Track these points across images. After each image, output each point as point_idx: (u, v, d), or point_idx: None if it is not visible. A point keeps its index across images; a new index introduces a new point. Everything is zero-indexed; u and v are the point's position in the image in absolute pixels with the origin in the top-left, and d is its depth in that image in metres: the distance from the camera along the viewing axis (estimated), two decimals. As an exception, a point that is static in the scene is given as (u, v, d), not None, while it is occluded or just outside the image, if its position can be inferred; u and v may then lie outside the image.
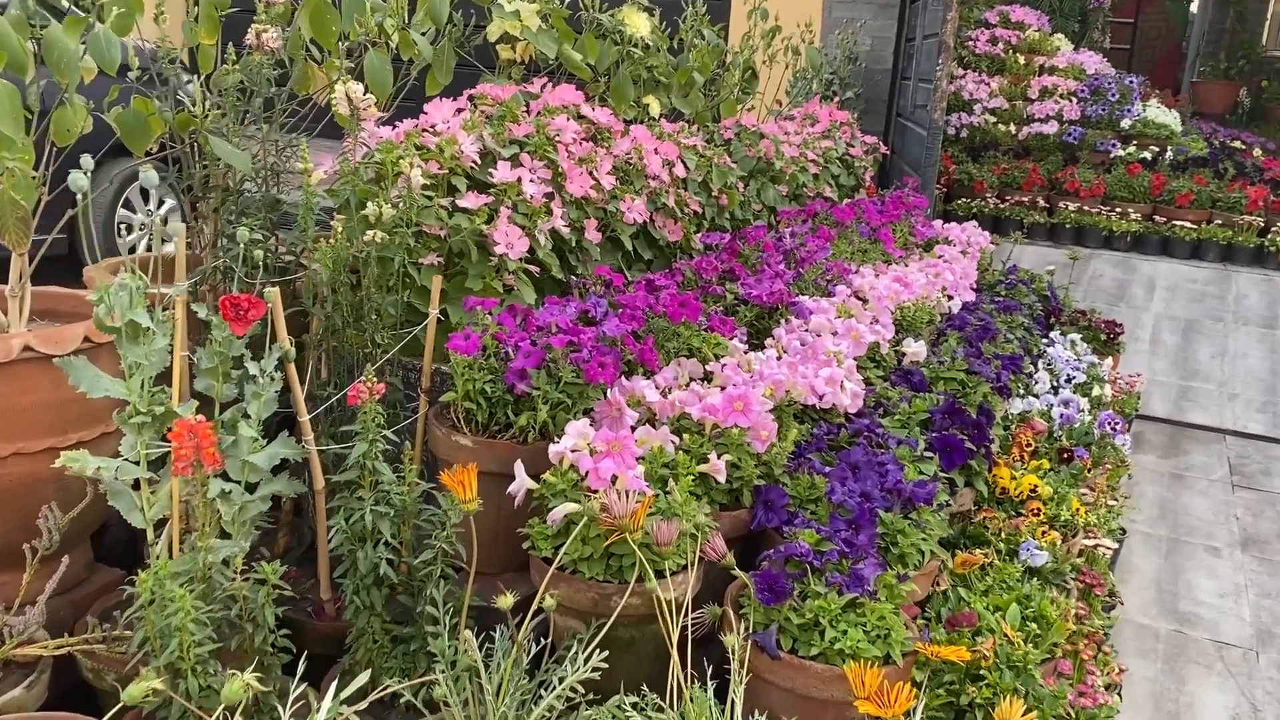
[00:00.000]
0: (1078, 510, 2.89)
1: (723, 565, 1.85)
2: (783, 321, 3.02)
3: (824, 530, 1.99)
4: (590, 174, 2.64)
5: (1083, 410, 3.67)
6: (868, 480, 2.21)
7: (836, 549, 1.93)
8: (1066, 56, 9.01)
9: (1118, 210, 7.56)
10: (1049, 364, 4.15)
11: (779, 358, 2.84)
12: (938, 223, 5.29)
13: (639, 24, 4.11)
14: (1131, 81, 8.56)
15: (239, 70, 2.25)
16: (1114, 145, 7.98)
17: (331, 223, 2.25)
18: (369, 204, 2.21)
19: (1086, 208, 7.57)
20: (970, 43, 9.06)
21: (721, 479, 2.10)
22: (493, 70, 3.58)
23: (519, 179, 2.35)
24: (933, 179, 5.89)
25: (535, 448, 2.10)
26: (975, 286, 4.83)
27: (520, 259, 2.32)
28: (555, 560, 1.84)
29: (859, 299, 3.60)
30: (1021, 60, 8.95)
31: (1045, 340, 4.40)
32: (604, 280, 2.48)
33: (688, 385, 2.41)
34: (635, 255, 3.11)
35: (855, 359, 2.99)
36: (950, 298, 4.28)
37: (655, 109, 4.26)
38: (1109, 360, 4.78)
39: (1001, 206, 7.70)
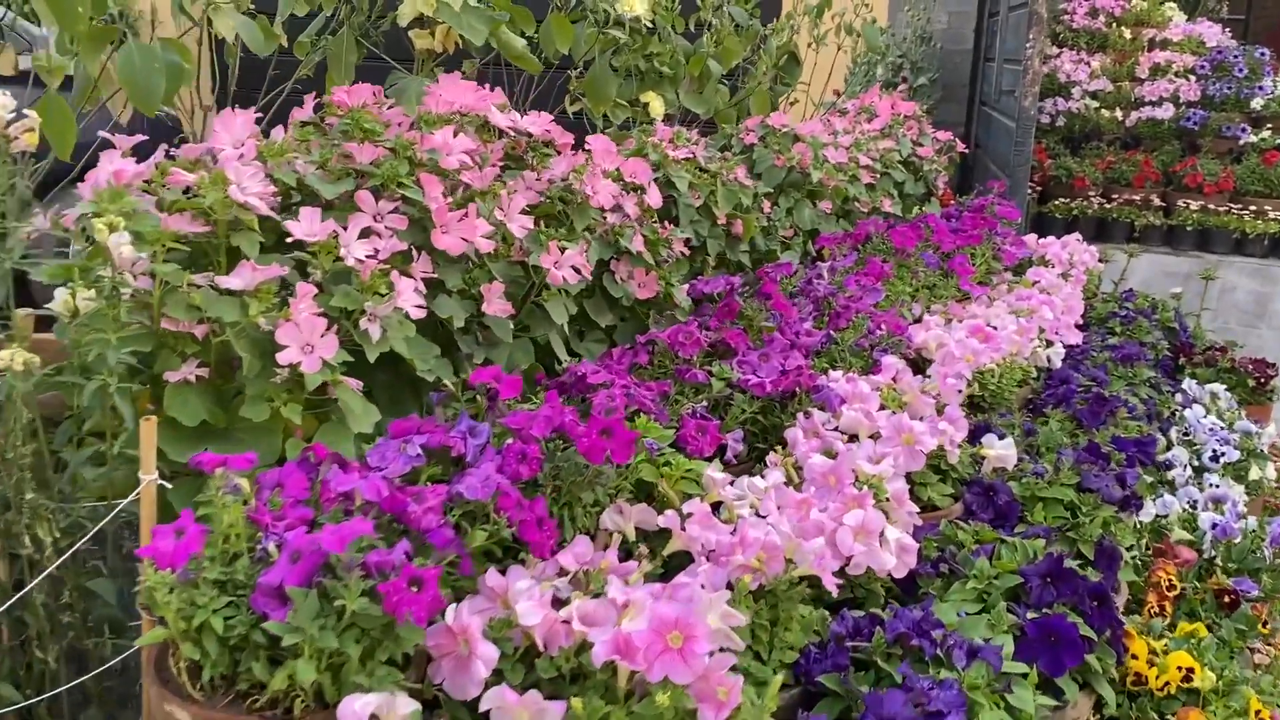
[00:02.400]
0: (1258, 713, 1.87)
1: None
2: (800, 416, 2.06)
3: None
4: (488, 217, 1.73)
5: (1242, 512, 2.61)
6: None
7: None
8: (1181, 27, 7.75)
9: (1252, 208, 6.33)
10: (1185, 432, 3.09)
11: (794, 485, 1.88)
12: (1030, 237, 4.23)
13: (633, 0, 3.17)
14: (1262, 53, 7.28)
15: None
16: (1243, 130, 6.74)
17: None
18: (62, 290, 1.35)
19: (1212, 205, 6.36)
20: (1066, 16, 7.88)
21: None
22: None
23: (334, 235, 1.45)
24: (1024, 180, 4.82)
25: None
26: (1082, 322, 3.78)
27: (333, 368, 1.42)
28: None
29: (919, 365, 2.61)
30: (1128, 34, 7.73)
31: (1178, 396, 3.34)
32: (486, 390, 1.56)
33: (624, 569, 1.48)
34: (588, 322, 2.18)
35: (910, 475, 2.01)
36: (1049, 344, 3.25)
37: (657, 108, 3.31)
38: (1268, 421, 3.67)
39: (1108, 207, 6.54)
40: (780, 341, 2.17)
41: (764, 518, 1.70)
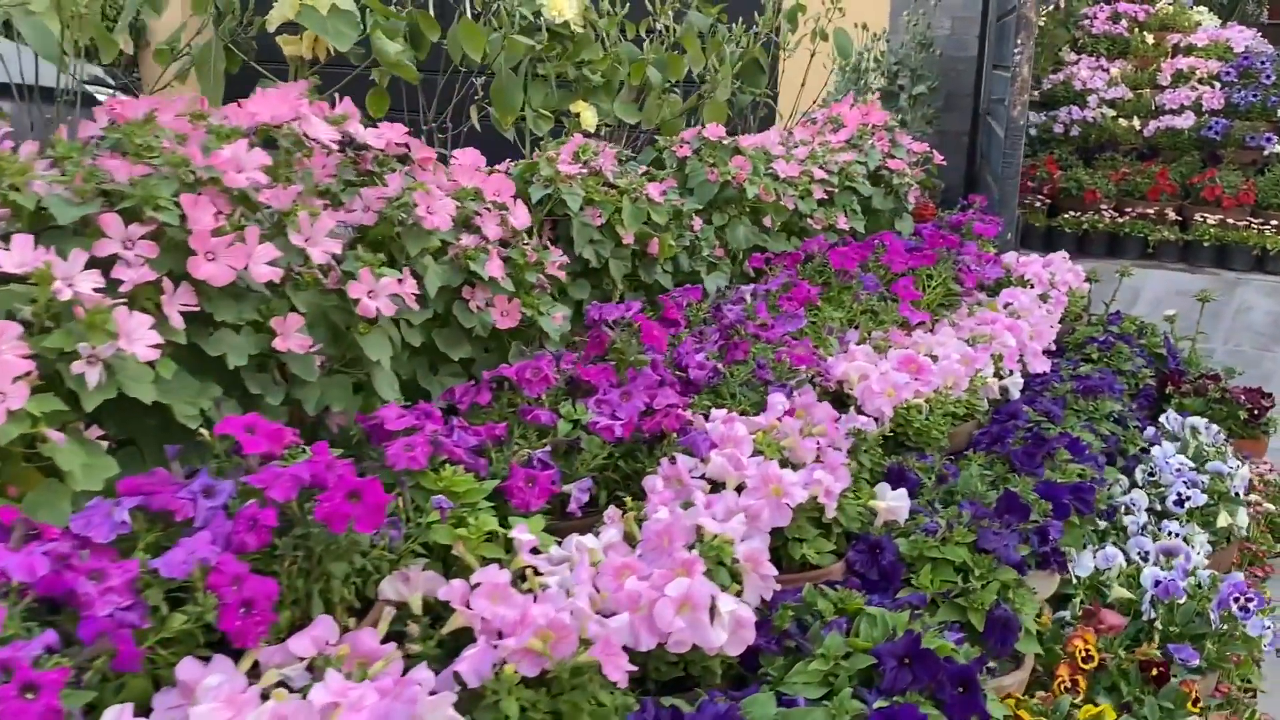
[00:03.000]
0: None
1: None
2: (663, 462, 1.85)
3: None
4: (282, 241, 1.55)
5: (1193, 566, 2.35)
6: None
7: None
8: (1208, 33, 7.40)
9: (1274, 222, 5.98)
10: (1151, 473, 2.83)
11: (635, 543, 1.68)
12: (1010, 255, 3.97)
13: (559, 1, 2.99)
14: (1292, 59, 6.91)
15: None
16: (1269, 140, 6.39)
17: None
18: None
19: (1231, 220, 6.02)
20: (1087, 21, 7.56)
21: None
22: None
23: (46, 265, 1.28)
24: (1012, 193, 4.55)
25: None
26: (1056, 346, 3.52)
27: (35, 418, 1.24)
28: None
29: (842, 401, 2.38)
30: (1150, 40, 7.40)
31: (1148, 432, 3.07)
32: (230, 441, 1.36)
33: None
34: (441, 356, 1.99)
35: (784, 530, 1.80)
36: (1008, 373, 3.00)
37: (589, 119, 3.12)
38: (1262, 456, 3.39)
39: (1120, 221, 6.22)
40: (648, 377, 1.96)
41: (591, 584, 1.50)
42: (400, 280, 1.72)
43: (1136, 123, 6.75)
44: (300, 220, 1.60)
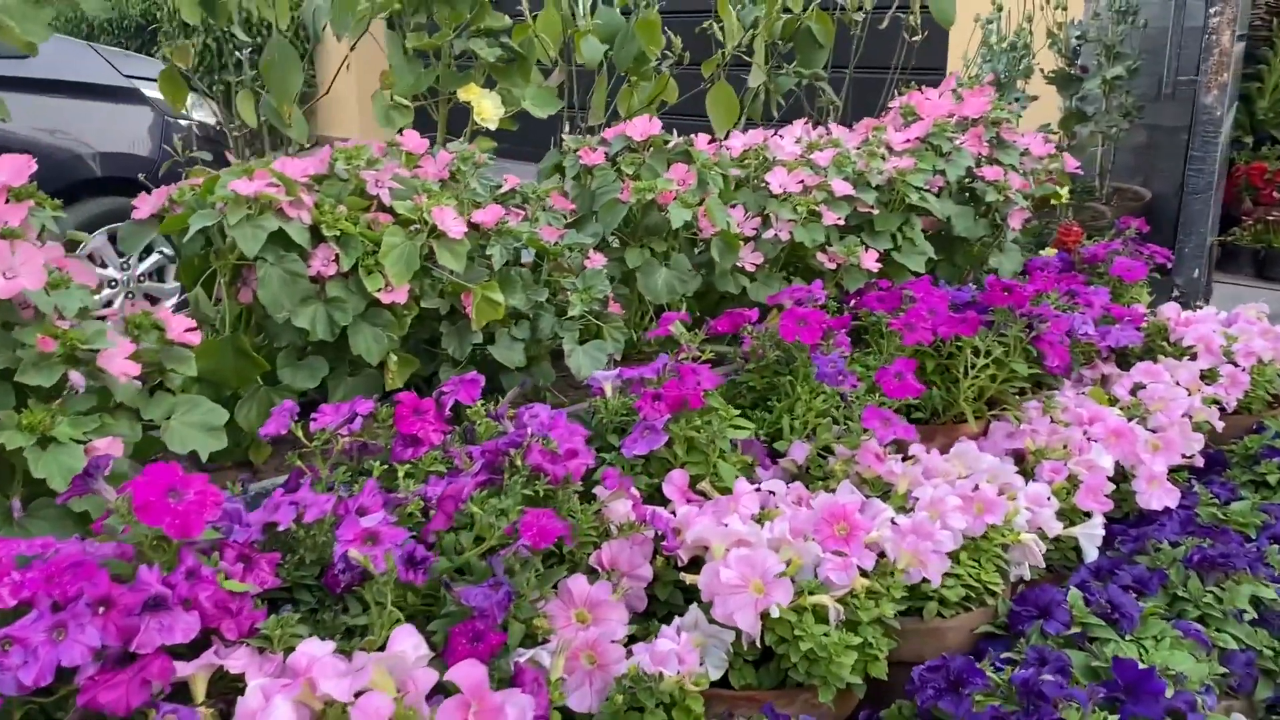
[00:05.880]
0: None
1: None
2: None
3: None
4: None
5: None
6: None
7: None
8: None
9: None
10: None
11: None
12: (1171, 309, 2.70)
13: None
14: None
15: None
16: None
17: None
18: None
19: None
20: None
21: None
22: None
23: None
24: (1202, 213, 3.22)
25: None
26: (1212, 457, 2.28)
27: None
28: None
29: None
30: None
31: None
32: None
33: None
34: None
35: None
36: (1086, 515, 1.86)
37: (487, 110, 2.24)
38: None
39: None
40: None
41: None
42: None
43: None
44: None
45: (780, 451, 1.83)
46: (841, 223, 2.33)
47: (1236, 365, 2.53)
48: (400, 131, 2.02)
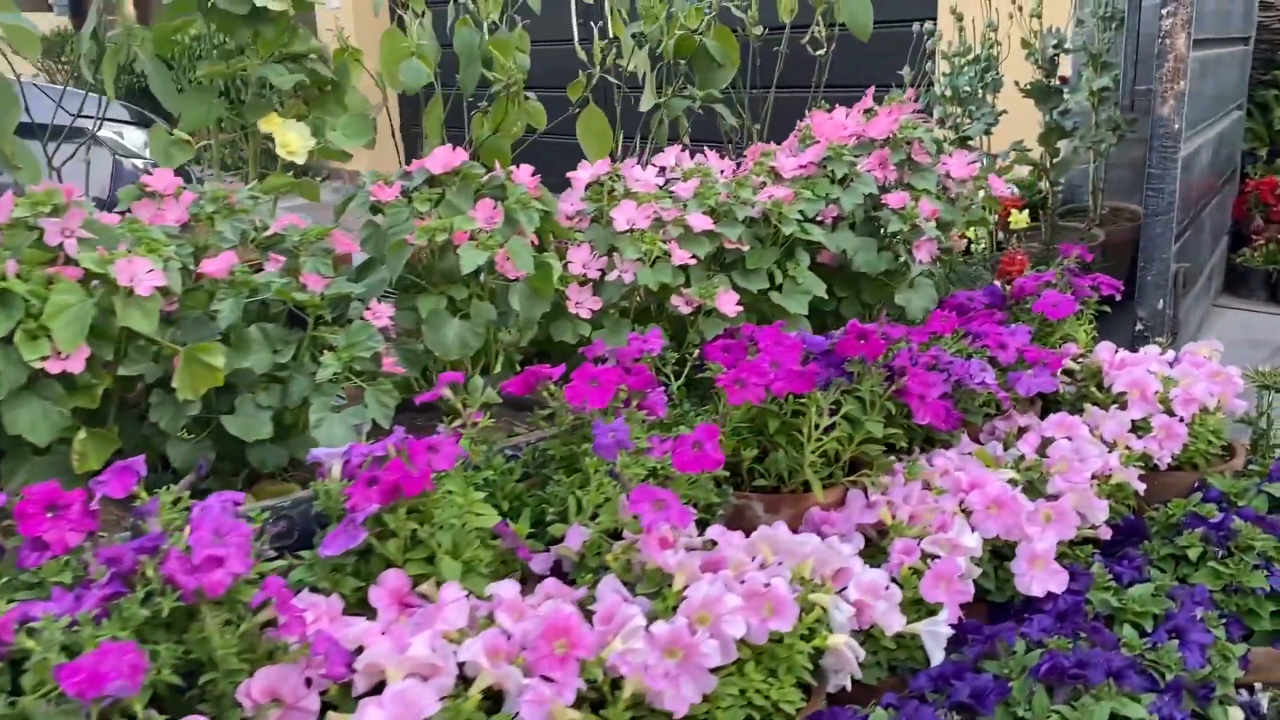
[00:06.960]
0: None
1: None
2: None
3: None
4: None
5: None
6: None
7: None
8: None
9: None
10: None
11: None
12: (1105, 350, 2.36)
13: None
14: None
15: None
16: None
17: None
18: None
19: None
20: None
21: None
22: None
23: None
24: (1164, 239, 2.87)
25: None
26: (1132, 522, 1.95)
27: None
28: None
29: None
30: None
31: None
32: None
33: None
34: None
35: None
36: (930, 611, 1.56)
37: (293, 143, 2.02)
38: None
39: None
40: None
41: None
42: None
43: None
44: None
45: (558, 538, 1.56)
46: (693, 261, 2.06)
47: (1173, 415, 2.19)
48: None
